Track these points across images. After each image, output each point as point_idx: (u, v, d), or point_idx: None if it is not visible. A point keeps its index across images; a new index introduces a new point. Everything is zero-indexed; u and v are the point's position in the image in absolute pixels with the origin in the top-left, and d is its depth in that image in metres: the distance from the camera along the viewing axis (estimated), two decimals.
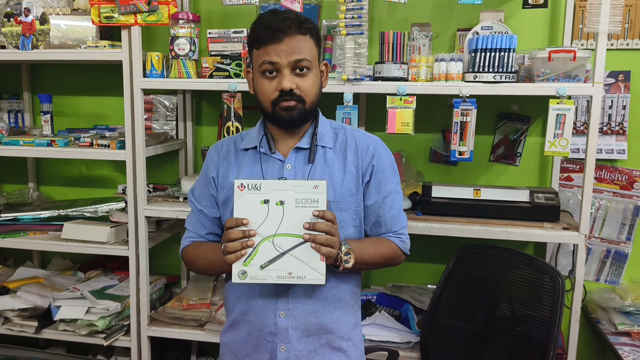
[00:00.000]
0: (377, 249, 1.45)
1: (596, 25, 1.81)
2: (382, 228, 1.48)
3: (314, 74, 1.38)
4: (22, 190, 2.73)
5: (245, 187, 1.28)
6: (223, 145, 1.51)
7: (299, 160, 1.42)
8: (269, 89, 1.36)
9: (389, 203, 1.47)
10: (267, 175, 1.42)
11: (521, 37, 2.13)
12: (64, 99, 2.68)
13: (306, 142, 1.43)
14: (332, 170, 1.42)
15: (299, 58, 1.34)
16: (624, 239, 2.32)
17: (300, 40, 1.34)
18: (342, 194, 1.41)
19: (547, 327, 1.77)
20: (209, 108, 2.58)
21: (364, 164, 1.44)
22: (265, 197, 1.28)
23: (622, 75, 2.24)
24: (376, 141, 1.48)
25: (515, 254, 1.93)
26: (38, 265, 2.75)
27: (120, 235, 2.28)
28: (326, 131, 1.46)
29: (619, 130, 2.26)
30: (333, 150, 1.44)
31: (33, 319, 2.29)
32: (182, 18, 2.09)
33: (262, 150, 1.44)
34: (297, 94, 1.35)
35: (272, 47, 1.33)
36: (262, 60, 1.35)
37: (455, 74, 1.94)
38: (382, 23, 2.36)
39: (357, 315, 1.51)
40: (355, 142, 1.45)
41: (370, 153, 1.44)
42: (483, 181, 2.38)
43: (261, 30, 1.34)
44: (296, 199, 1.27)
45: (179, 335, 2.22)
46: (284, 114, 1.36)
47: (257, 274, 1.28)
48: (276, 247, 1.27)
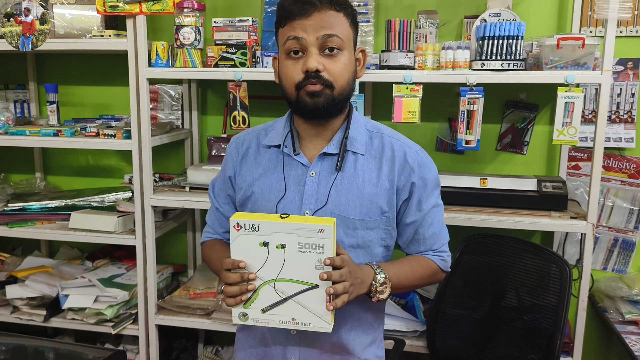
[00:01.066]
0: (415, 271, 1.31)
1: (606, 11, 1.78)
2: (422, 247, 1.34)
3: (346, 57, 1.21)
4: (29, 180, 2.74)
5: (241, 227, 1.15)
6: (245, 141, 1.38)
7: (325, 167, 1.27)
8: (294, 70, 1.20)
9: (429, 220, 1.32)
10: (288, 181, 1.28)
11: (529, 24, 2.11)
12: (69, 88, 2.68)
13: (335, 147, 1.27)
14: (362, 182, 1.26)
15: (329, 33, 1.17)
16: (631, 227, 2.31)
17: (332, 15, 1.18)
18: (371, 211, 1.26)
19: (554, 316, 1.77)
20: (215, 97, 2.57)
21: (402, 179, 1.28)
22: (265, 239, 1.15)
23: (631, 63, 2.21)
24: (417, 152, 1.31)
25: (523, 243, 1.93)
26: (46, 254, 2.77)
27: (127, 225, 2.28)
28: (359, 134, 1.29)
29: (628, 118, 2.24)
30: (365, 158, 1.28)
31: (41, 307, 2.31)
32: (187, 7, 2.08)
33: (285, 150, 1.30)
34: (325, 77, 1.18)
35: (298, 22, 1.17)
36: (287, 36, 1.19)
37: (462, 62, 1.93)
38: (388, 11, 2.34)
39: (376, 332, 1.37)
40: (392, 152, 1.29)
41: (410, 167, 1.28)
42: (490, 170, 2.37)
43: (288, 4, 1.19)
44: (299, 243, 1.13)
45: (186, 324, 2.23)
46: (309, 101, 1.19)
47: (258, 317, 1.19)
48: (278, 292, 1.17)
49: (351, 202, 1.25)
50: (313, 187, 1.27)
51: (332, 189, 1.25)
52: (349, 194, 1.26)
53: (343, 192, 1.26)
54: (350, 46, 1.23)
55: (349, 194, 1.26)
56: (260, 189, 1.31)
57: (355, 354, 1.32)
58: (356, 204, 1.25)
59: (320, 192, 1.26)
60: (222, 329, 2.18)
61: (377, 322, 1.38)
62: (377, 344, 1.39)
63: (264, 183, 1.31)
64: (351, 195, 1.26)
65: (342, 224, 1.26)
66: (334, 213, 1.25)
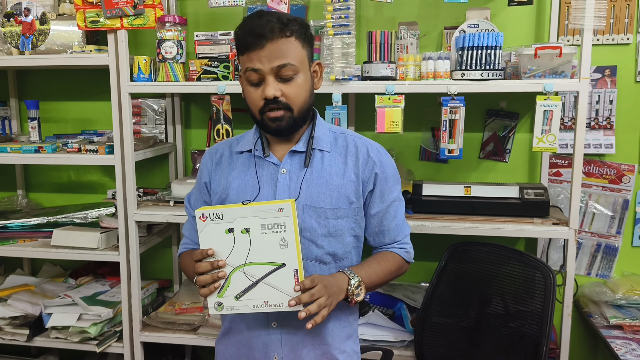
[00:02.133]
0: (384, 268, 1.41)
1: (581, 21, 1.82)
2: (386, 238, 1.45)
3: (301, 78, 1.32)
4: (11, 198, 2.70)
5: (207, 217, 1.22)
6: (218, 150, 1.48)
7: (295, 164, 1.38)
8: (255, 97, 1.32)
9: (392, 212, 1.43)
10: (262, 179, 1.38)
11: (507, 34, 2.14)
12: (51, 104, 2.66)
13: (302, 146, 1.38)
14: (330, 175, 1.37)
15: (282, 63, 1.28)
16: (614, 232, 2.33)
17: (283, 43, 1.28)
18: (339, 201, 1.36)
19: (540, 322, 1.78)
20: (198, 111, 2.57)
21: (366, 172, 1.39)
22: (229, 225, 1.21)
23: (608, 70, 2.26)
24: (378, 148, 1.43)
25: (507, 250, 1.94)
26: (28, 272, 2.73)
27: (111, 241, 2.26)
28: (324, 134, 1.41)
29: (607, 124, 2.28)
30: (331, 154, 1.39)
31: (24, 327, 2.27)
32: (168, 21, 2.08)
33: (256, 153, 1.40)
34: (283, 102, 1.30)
35: (254, 53, 1.28)
36: (246, 67, 1.31)
37: (443, 72, 1.95)
38: (369, 23, 2.36)
39: (352, 327, 1.46)
40: (356, 148, 1.40)
41: (372, 161, 1.39)
42: (473, 178, 2.39)
43: (243, 37, 1.30)
44: (261, 225, 1.20)
45: (172, 340, 2.21)
46: (272, 124, 1.32)
47: (233, 305, 1.24)
48: (248, 277, 1.23)
49: (321, 193, 1.35)
50: (285, 182, 1.36)
51: (303, 183, 1.35)
52: (318, 186, 1.36)
53: (313, 185, 1.36)
54: (305, 66, 1.34)
55: (318, 186, 1.36)
56: (235, 190, 1.39)
57: (335, 346, 1.40)
58: (326, 195, 1.35)
59: (292, 187, 1.36)
60: (209, 344, 2.15)
61: (352, 316, 1.46)
62: (354, 339, 1.48)
63: (239, 185, 1.39)
64: (321, 188, 1.36)
65: (314, 214, 1.35)
66: (306, 205, 1.34)
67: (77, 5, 2.07)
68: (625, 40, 2.22)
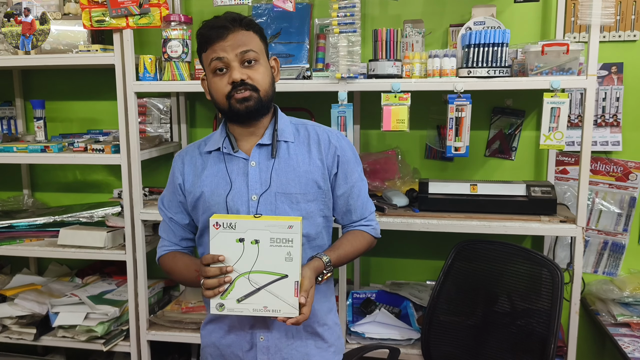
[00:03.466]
0: (353, 247, 1.51)
1: (589, 17, 1.81)
2: (353, 215, 1.54)
3: (263, 66, 1.41)
4: (17, 197, 2.71)
5: (220, 226, 1.30)
6: (187, 152, 1.54)
7: (263, 156, 1.44)
8: (221, 84, 1.38)
9: (356, 191, 1.52)
10: (232, 175, 1.44)
11: (514, 31, 2.13)
12: (56, 104, 2.66)
13: (268, 138, 1.45)
14: (297, 163, 1.44)
15: (245, 49, 1.36)
16: (620, 230, 2.32)
17: (244, 35, 1.38)
18: (308, 185, 1.44)
19: (547, 320, 1.77)
20: (203, 110, 2.57)
21: (329, 156, 1.47)
22: (241, 235, 1.30)
23: (615, 67, 2.24)
24: (337, 134, 1.52)
25: (514, 248, 1.94)
26: (35, 272, 2.74)
27: (117, 240, 2.26)
28: (286, 126, 1.48)
29: (614, 122, 2.27)
30: (295, 145, 1.47)
31: (31, 326, 2.27)
32: (174, 20, 2.08)
33: (225, 150, 1.46)
34: (250, 84, 1.37)
35: (217, 44, 1.37)
36: (211, 58, 1.38)
37: (449, 70, 1.94)
38: (374, 20, 2.36)
39: (330, 301, 1.55)
40: (317, 137, 1.48)
41: (334, 145, 1.48)
42: (479, 176, 2.38)
43: (205, 32, 1.39)
44: (271, 238, 1.29)
45: (178, 339, 2.21)
46: (240, 106, 1.38)
47: (234, 307, 1.32)
48: (252, 283, 1.31)
49: (291, 180, 1.43)
50: (256, 174, 1.43)
51: (273, 173, 1.43)
52: (287, 174, 1.43)
53: (282, 174, 1.43)
54: (264, 57, 1.43)
55: (287, 174, 1.43)
56: (209, 187, 1.45)
57: (316, 320, 1.48)
58: (295, 181, 1.43)
59: (262, 178, 1.43)
60: None
61: (329, 291, 1.56)
62: (334, 313, 1.58)
63: (211, 182, 1.46)
64: (290, 175, 1.43)
65: (286, 200, 1.42)
66: (278, 192, 1.42)
67: (83, 5, 2.07)
68: (632, 37, 2.21)
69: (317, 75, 2.03)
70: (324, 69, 2.19)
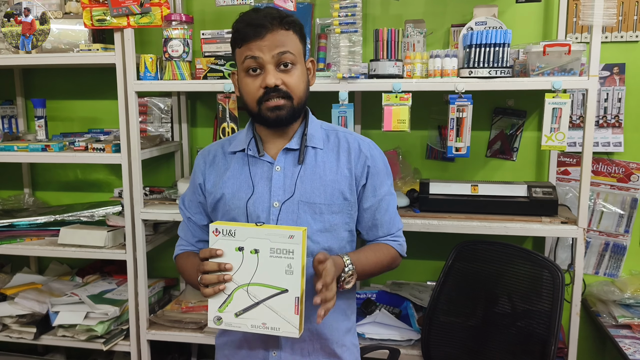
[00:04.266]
0: (378, 259, 1.42)
1: (591, 17, 1.81)
2: (380, 231, 1.46)
3: (299, 70, 1.34)
4: (18, 196, 2.71)
5: (220, 233, 1.24)
6: (210, 151, 1.49)
7: (289, 162, 1.38)
8: (253, 87, 1.32)
9: (384, 206, 1.44)
10: (255, 179, 1.38)
11: (515, 31, 2.13)
12: (57, 103, 2.66)
13: (296, 143, 1.38)
14: (323, 171, 1.37)
15: (283, 50, 1.29)
16: (622, 231, 2.32)
17: (282, 35, 1.30)
18: (334, 196, 1.37)
19: (548, 321, 1.77)
20: (204, 109, 2.57)
21: (358, 166, 1.40)
22: (240, 244, 1.23)
23: (617, 68, 2.24)
24: (369, 143, 1.44)
25: (514, 249, 1.93)
26: (35, 271, 2.74)
27: (118, 239, 2.26)
28: (316, 132, 1.41)
29: (615, 122, 2.26)
30: (324, 152, 1.40)
31: (31, 325, 2.27)
32: (175, 19, 2.08)
33: (250, 153, 1.40)
34: (284, 90, 1.31)
35: (254, 43, 1.29)
36: (245, 55, 1.31)
37: (450, 70, 1.94)
38: (375, 20, 2.35)
39: (350, 320, 1.47)
40: (347, 144, 1.41)
41: (364, 155, 1.40)
42: (480, 177, 2.38)
43: (242, 28, 1.31)
44: (271, 248, 1.22)
45: (178, 339, 2.21)
46: (271, 114, 1.31)
47: (232, 321, 1.26)
48: (250, 296, 1.24)
49: (316, 189, 1.36)
50: (280, 180, 1.37)
51: (298, 180, 1.36)
52: (313, 182, 1.37)
53: (307, 182, 1.36)
54: (302, 59, 1.36)
55: (313, 182, 1.37)
56: (230, 189, 1.40)
57: (334, 340, 1.41)
58: (320, 190, 1.36)
59: (286, 184, 1.37)
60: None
61: (349, 310, 1.47)
62: (353, 333, 1.49)
63: (233, 184, 1.40)
64: (315, 184, 1.36)
65: (309, 210, 1.36)
66: (301, 201, 1.35)
67: (84, 4, 2.07)
68: (634, 37, 2.20)
69: (318, 75, 2.03)
70: (325, 69, 2.19)
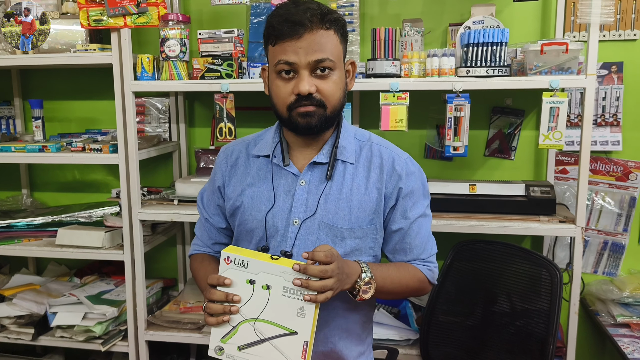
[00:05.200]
0: (402, 277, 1.30)
1: (588, 16, 1.80)
2: (408, 256, 1.33)
3: (337, 75, 1.21)
4: (16, 197, 2.70)
5: (232, 262, 1.17)
6: (234, 151, 1.39)
7: (315, 176, 1.28)
8: (285, 91, 1.20)
9: (415, 229, 1.32)
10: (277, 191, 1.29)
11: (513, 30, 2.13)
12: (55, 103, 2.66)
13: (325, 156, 1.28)
14: (351, 190, 1.27)
15: (321, 58, 1.17)
16: (620, 230, 2.32)
17: (322, 35, 1.17)
18: (359, 220, 1.27)
19: (546, 320, 1.77)
20: (202, 109, 2.56)
21: (389, 186, 1.29)
22: (252, 277, 1.16)
23: (614, 67, 2.24)
24: (405, 160, 1.32)
25: (513, 248, 1.93)
26: (33, 271, 2.73)
27: (115, 240, 2.26)
28: (349, 143, 1.30)
29: (613, 121, 2.26)
30: (355, 167, 1.29)
31: (30, 326, 2.27)
32: (172, 19, 2.07)
33: (275, 161, 1.30)
34: (317, 98, 1.19)
35: (289, 43, 1.16)
36: (278, 59, 1.19)
37: (448, 69, 1.93)
38: (373, 20, 2.35)
39: (364, 344, 1.38)
40: (380, 160, 1.30)
41: (397, 174, 1.29)
42: (478, 176, 2.38)
43: (278, 23, 1.17)
44: (284, 287, 1.14)
45: (177, 339, 2.20)
46: (302, 121, 1.20)
47: (234, 354, 1.19)
48: (257, 332, 1.17)
49: (340, 210, 1.26)
50: (303, 195, 1.27)
51: (322, 198, 1.26)
52: (338, 202, 1.26)
53: (332, 201, 1.26)
54: (341, 63, 1.24)
55: (338, 202, 1.26)
56: (250, 198, 1.31)
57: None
58: (345, 212, 1.26)
59: (309, 201, 1.27)
60: None
61: (364, 333, 1.38)
62: (367, 355, 1.40)
63: (254, 193, 1.31)
64: (340, 204, 1.26)
65: (330, 233, 1.26)
66: (322, 222, 1.26)
67: (80, 4, 2.06)
68: (632, 36, 2.20)
69: None
70: None
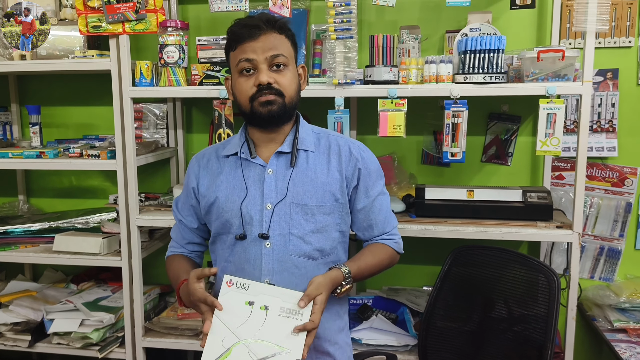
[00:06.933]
0: (377, 260, 1.46)
1: (584, 24, 1.82)
2: (375, 231, 1.50)
3: (291, 72, 1.39)
4: (12, 203, 2.70)
5: (233, 285, 1.27)
6: (204, 155, 1.52)
7: (280, 165, 1.42)
8: (247, 86, 1.36)
9: (378, 205, 1.48)
10: (248, 181, 1.41)
11: (509, 37, 2.14)
12: (52, 109, 2.66)
13: (287, 147, 1.42)
14: (315, 173, 1.41)
15: (276, 53, 1.34)
16: (617, 235, 2.33)
17: (276, 38, 1.36)
18: (325, 198, 1.41)
19: (544, 326, 1.77)
20: (200, 115, 2.56)
21: (349, 169, 1.44)
22: (251, 298, 1.26)
23: (610, 73, 2.25)
24: (359, 146, 1.48)
25: (510, 253, 1.94)
26: (30, 278, 2.72)
27: (113, 246, 2.25)
28: (307, 135, 1.46)
29: (609, 127, 2.28)
30: (315, 154, 1.44)
31: (26, 333, 2.26)
32: (170, 26, 2.08)
33: (242, 156, 1.44)
34: (276, 88, 1.35)
35: (248, 44, 1.34)
36: (239, 58, 1.36)
37: (445, 76, 1.95)
38: (371, 26, 2.36)
39: (342, 320, 1.51)
40: (338, 147, 1.45)
41: (355, 157, 1.45)
42: (476, 182, 2.39)
43: (238, 29, 1.36)
44: (281, 307, 1.25)
45: (174, 346, 2.20)
46: (263, 110, 1.35)
47: None
48: (250, 353, 1.23)
49: (307, 191, 1.40)
50: (272, 182, 1.40)
51: (290, 182, 1.40)
52: (304, 184, 1.40)
53: (299, 184, 1.40)
54: (293, 63, 1.41)
55: (304, 184, 1.40)
56: (224, 192, 1.44)
57: (326, 339, 1.44)
58: (312, 192, 1.40)
59: (279, 187, 1.40)
60: None
61: (342, 309, 1.51)
62: (346, 332, 1.53)
63: (227, 187, 1.44)
64: (307, 186, 1.40)
65: (301, 211, 1.40)
66: (293, 203, 1.39)
67: (79, 10, 2.07)
68: (627, 43, 2.22)
69: (314, 81, 2.03)
70: (321, 75, 2.19)
